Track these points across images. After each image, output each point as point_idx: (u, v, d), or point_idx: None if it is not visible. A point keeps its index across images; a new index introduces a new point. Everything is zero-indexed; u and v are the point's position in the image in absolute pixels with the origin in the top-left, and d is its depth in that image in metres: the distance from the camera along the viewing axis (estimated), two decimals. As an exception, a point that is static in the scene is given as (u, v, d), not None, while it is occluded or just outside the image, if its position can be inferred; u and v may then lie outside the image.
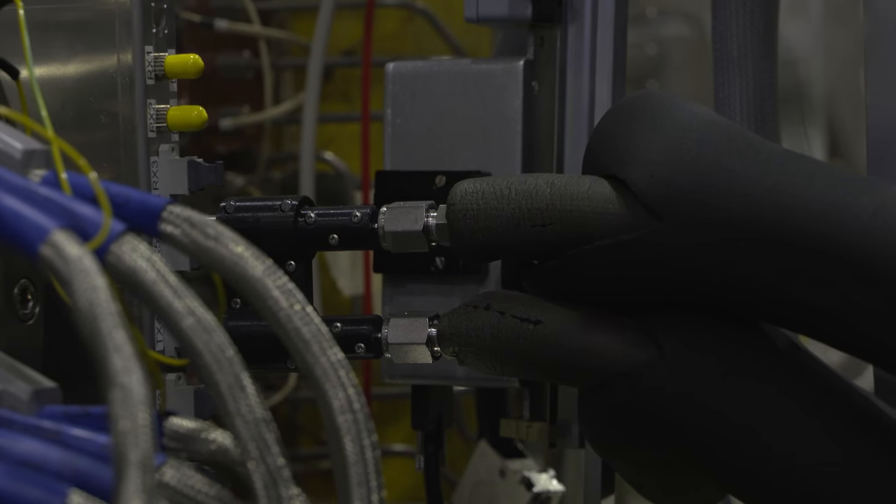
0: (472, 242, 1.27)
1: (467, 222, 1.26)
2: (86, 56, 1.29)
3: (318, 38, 1.63)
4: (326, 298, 1.91)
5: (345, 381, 1.05)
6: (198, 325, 1.02)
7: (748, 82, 1.47)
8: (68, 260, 0.99)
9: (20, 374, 1.13)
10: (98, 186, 1.06)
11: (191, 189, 1.29)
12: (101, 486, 1.00)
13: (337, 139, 1.70)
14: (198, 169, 1.30)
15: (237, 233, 1.07)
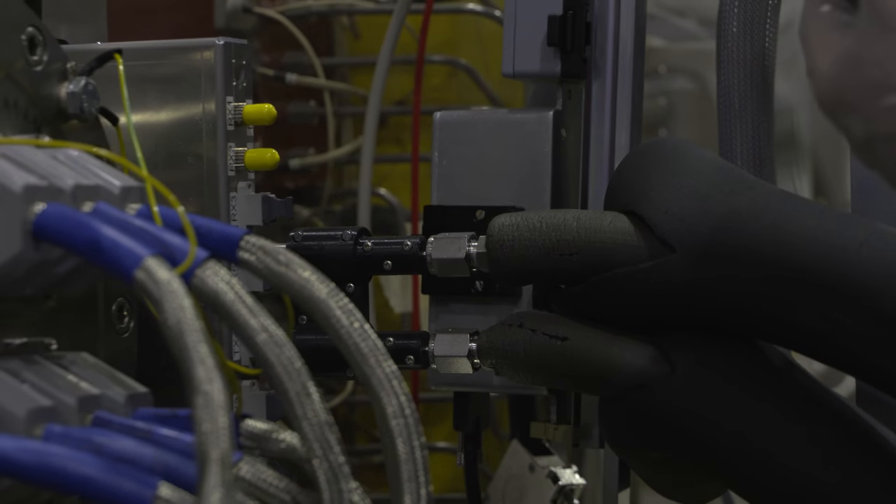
0: (507, 269, 1.27)
1: (504, 251, 1.26)
2: (175, 105, 1.29)
3: (374, 90, 1.62)
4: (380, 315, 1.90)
5: (397, 389, 1.04)
6: (270, 339, 1.02)
7: (748, 131, 1.46)
8: (159, 283, 0.99)
9: (117, 380, 1.13)
10: (185, 219, 1.06)
11: (264, 221, 1.29)
12: (187, 480, 0.99)
13: (390, 177, 1.69)
14: (271, 203, 1.30)
15: (304, 259, 1.07)
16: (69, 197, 1.06)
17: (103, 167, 1.12)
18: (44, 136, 1.16)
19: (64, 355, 1.13)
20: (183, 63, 1.29)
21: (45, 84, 1.18)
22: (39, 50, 1.18)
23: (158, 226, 1.06)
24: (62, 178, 1.07)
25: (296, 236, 1.29)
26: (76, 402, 1.07)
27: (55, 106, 1.19)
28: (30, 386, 1.07)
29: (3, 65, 1.15)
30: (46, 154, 1.10)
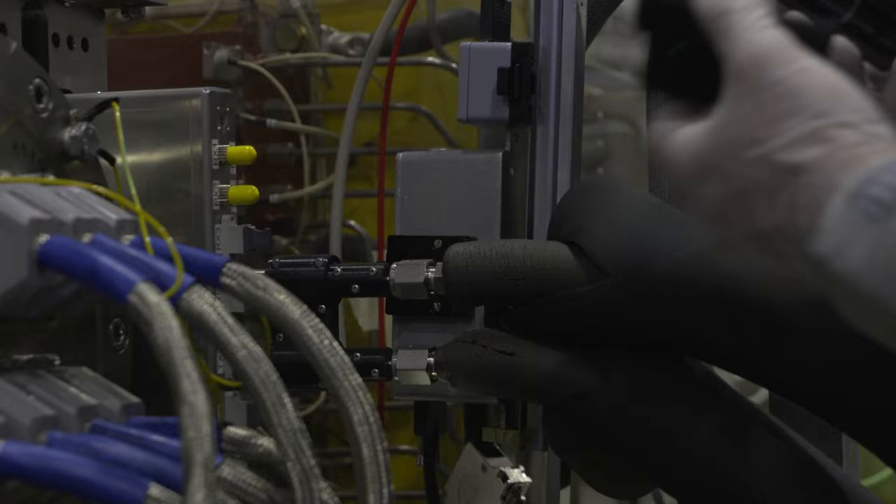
0: (461, 292, 1.28)
1: (458, 276, 1.27)
2: (166, 147, 1.29)
3: (345, 133, 1.62)
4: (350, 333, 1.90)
5: (362, 399, 1.05)
6: (249, 356, 1.02)
7: None
8: (150, 305, 0.99)
9: (113, 392, 1.13)
10: (173, 248, 1.06)
11: (245, 249, 1.29)
12: (175, 481, 0.99)
13: (359, 210, 1.69)
14: (251, 234, 1.29)
15: (281, 283, 1.07)
16: (70, 229, 1.06)
17: (101, 202, 1.12)
18: (49, 174, 1.16)
19: (66, 370, 1.13)
20: (173, 109, 1.29)
21: (50, 129, 1.18)
22: (45, 98, 1.18)
23: (150, 254, 1.06)
24: (64, 213, 1.07)
25: (274, 263, 1.29)
26: (76, 412, 1.07)
27: (59, 148, 1.19)
28: (35, 397, 1.07)
29: (13, 112, 1.15)
30: (51, 191, 1.10)
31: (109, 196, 1.12)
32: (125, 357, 1.23)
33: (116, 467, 1.01)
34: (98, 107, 1.21)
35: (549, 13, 1.39)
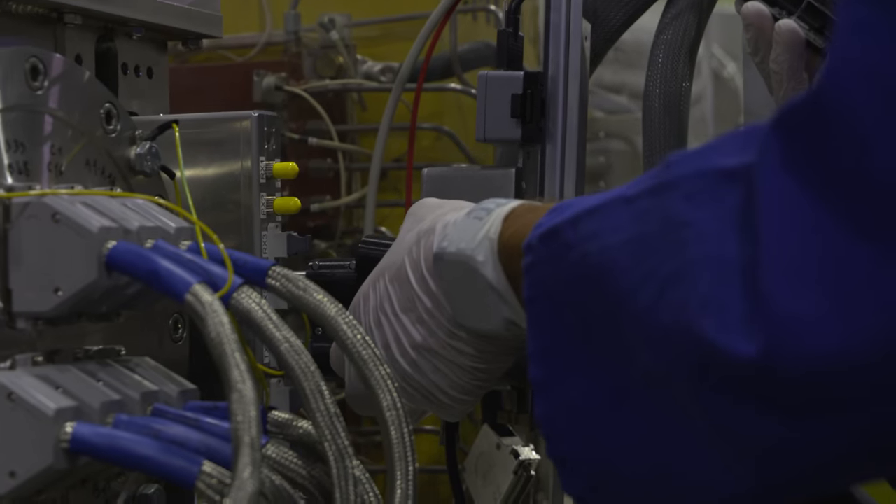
0: None
1: None
2: (220, 163, 1.29)
3: (377, 150, 1.62)
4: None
5: (391, 388, 1.04)
6: (291, 348, 1.02)
7: None
8: (204, 304, 0.99)
9: (172, 379, 1.13)
10: (224, 253, 1.06)
11: (288, 254, 1.29)
12: (226, 459, 0.99)
13: (389, 218, 1.69)
14: (294, 240, 1.30)
15: (319, 283, 1.07)
16: (135, 236, 1.06)
17: (162, 212, 1.12)
18: (117, 188, 1.16)
19: (130, 359, 1.13)
20: (226, 130, 1.29)
21: (118, 147, 1.19)
22: (114, 121, 1.19)
23: (204, 258, 1.06)
24: (130, 221, 1.07)
25: (313, 265, 1.28)
26: (139, 397, 1.07)
27: (126, 164, 1.19)
28: (103, 384, 1.07)
29: (86, 132, 1.15)
30: (118, 202, 1.10)
31: (169, 207, 1.13)
32: (183, 348, 1.23)
33: (174, 446, 1.02)
34: (160, 128, 1.21)
35: (557, 46, 1.38)
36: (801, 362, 0.76)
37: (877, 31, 0.76)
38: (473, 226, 1.03)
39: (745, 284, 0.79)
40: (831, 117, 0.77)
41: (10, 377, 1.03)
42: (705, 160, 0.85)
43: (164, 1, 1.35)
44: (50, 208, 1.04)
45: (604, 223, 0.90)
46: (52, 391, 1.03)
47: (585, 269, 0.90)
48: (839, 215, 0.76)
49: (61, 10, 1.25)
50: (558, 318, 0.93)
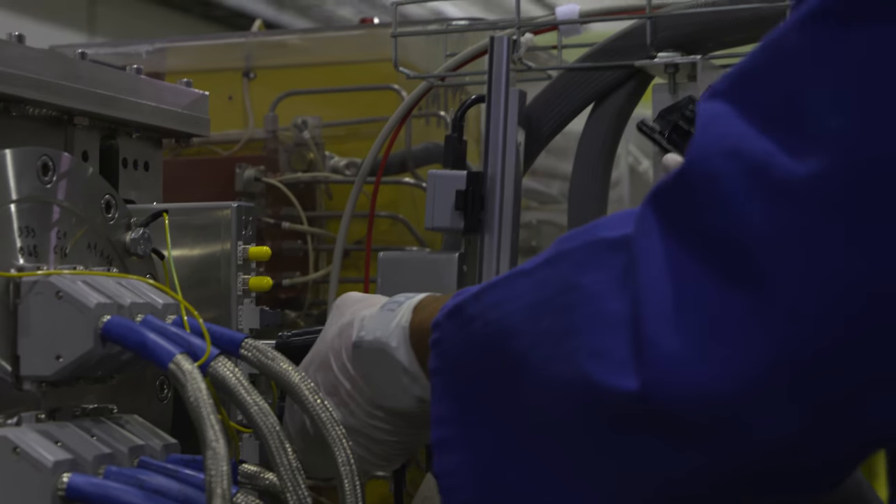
0: None
1: None
2: (203, 245, 1.28)
3: (340, 234, 1.62)
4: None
5: (345, 445, 1.04)
6: (259, 411, 1.02)
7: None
8: (184, 372, 0.99)
9: (157, 434, 1.12)
10: (204, 327, 1.06)
11: (261, 325, 1.28)
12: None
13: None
14: (265, 314, 1.29)
15: (289, 349, 1.07)
16: (127, 311, 1.05)
17: (152, 290, 1.11)
18: (113, 268, 1.16)
19: (121, 417, 1.12)
20: (210, 217, 1.28)
21: (115, 232, 1.18)
22: (113, 210, 1.18)
23: (187, 332, 1.06)
24: (123, 298, 1.06)
25: (283, 335, 1.26)
26: (128, 450, 1.06)
27: (122, 247, 1.18)
28: (97, 438, 1.06)
29: (89, 220, 1.15)
30: (114, 281, 1.09)
31: (157, 286, 1.12)
32: (168, 407, 1.22)
33: (156, 495, 1.01)
34: (152, 216, 1.21)
35: (495, 150, 1.39)
36: (676, 396, 0.77)
37: (730, 119, 0.78)
38: (387, 317, 1.03)
39: (628, 333, 0.79)
40: (697, 188, 0.78)
41: (15, 433, 1.02)
42: (591, 234, 0.86)
43: (160, 105, 1.35)
44: (54, 286, 1.04)
45: (504, 294, 0.90)
46: (52, 445, 1.02)
47: (487, 335, 0.90)
48: (707, 267, 0.77)
49: (71, 114, 1.25)
50: (463, 383, 0.92)
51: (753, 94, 0.78)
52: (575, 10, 1.55)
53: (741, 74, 0.80)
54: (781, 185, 0.74)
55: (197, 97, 1.41)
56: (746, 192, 0.75)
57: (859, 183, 0.73)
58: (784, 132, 0.75)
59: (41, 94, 1.19)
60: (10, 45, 1.17)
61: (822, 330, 0.74)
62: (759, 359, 0.75)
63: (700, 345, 0.76)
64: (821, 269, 0.73)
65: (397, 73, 1.59)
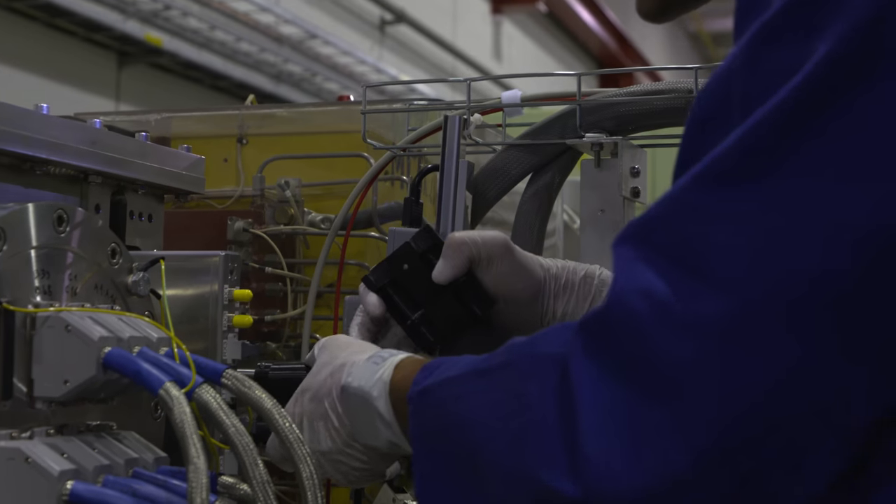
0: None
1: None
2: (195, 287, 1.29)
3: (315, 278, 1.63)
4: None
5: (309, 462, 1.04)
6: (236, 431, 1.01)
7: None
8: (172, 398, 0.99)
9: (150, 449, 1.11)
10: (190, 359, 1.05)
11: (242, 356, 1.28)
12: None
13: (323, 328, 1.68)
14: (246, 347, 1.29)
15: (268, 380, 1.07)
16: (126, 343, 1.05)
17: (149, 325, 1.11)
18: (116, 306, 1.15)
19: (120, 433, 1.11)
20: (201, 263, 1.29)
21: (119, 275, 1.18)
22: (118, 256, 1.18)
23: (176, 362, 1.06)
24: (123, 332, 1.06)
25: (262, 366, 1.26)
26: (124, 462, 1.06)
27: (124, 288, 1.18)
28: (97, 451, 1.05)
29: (96, 264, 1.15)
30: (116, 317, 1.09)
31: (153, 323, 1.12)
32: (161, 425, 1.21)
33: (147, 501, 1.00)
34: (151, 262, 1.21)
35: (447, 211, 1.39)
36: (610, 500, 0.78)
37: (638, 263, 0.80)
38: (372, 369, 1.04)
39: (567, 446, 0.81)
40: (618, 322, 0.81)
41: (27, 445, 1.01)
42: (534, 347, 0.89)
43: (162, 167, 1.36)
44: (64, 321, 1.04)
45: (464, 388, 0.92)
46: (59, 457, 1.01)
47: (451, 421, 0.92)
48: (629, 388, 0.79)
49: (87, 173, 1.25)
50: (433, 453, 0.94)
51: (657, 241, 0.80)
52: (517, 95, 1.57)
53: (646, 223, 0.82)
54: (683, 320, 0.77)
55: (195, 160, 1.41)
56: (655, 325, 0.78)
57: (746, 317, 0.76)
58: (683, 275, 0.78)
59: (61, 156, 1.20)
60: (35, 115, 1.17)
61: (727, 432, 0.76)
62: (681, 461, 0.77)
63: (628, 455, 0.78)
64: (720, 386, 0.76)
65: (366, 144, 1.60)
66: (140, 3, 6.45)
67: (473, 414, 0.89)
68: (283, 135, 1.84)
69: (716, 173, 0.78)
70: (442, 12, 10.38)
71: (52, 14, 6.08)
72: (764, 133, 0.76)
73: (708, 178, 0.78)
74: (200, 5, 6.89)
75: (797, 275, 0.75)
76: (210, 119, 1.91)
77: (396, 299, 1.19)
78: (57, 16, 6.12)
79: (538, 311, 1.21)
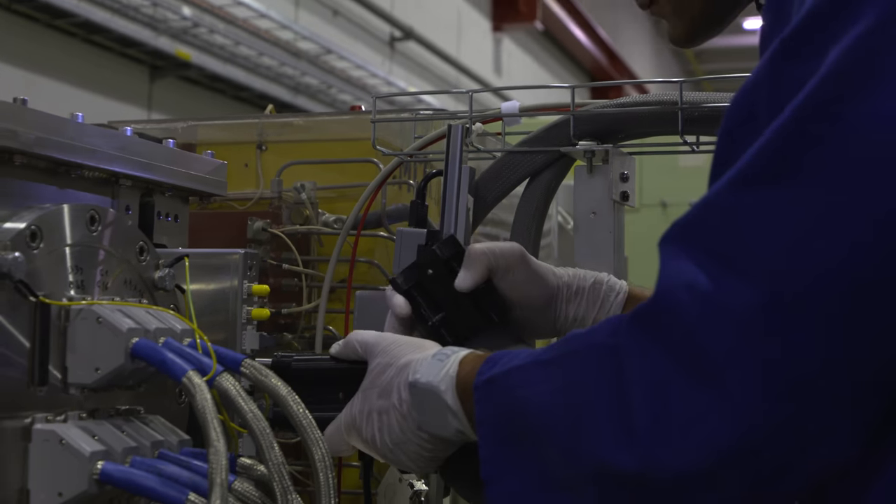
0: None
1: None
2: (218, 282, 1.28)
3: (328, 274, 1.62)
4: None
5: (321, 446, 1.03)
6: (253, 416, 1.01)
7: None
8: (194, 385, 0.98)
9: (174, 432, 1.11)
10: (211, 349, 1.05)
11: (260, 347, 1.27)
12: (206, 492, 0.97)
13: (336, 321, 1.67)
14: (264, 338, 1.28)
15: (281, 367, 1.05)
16: (152, 335, 1.05)
17: (173, 318, 1.10)
18: (144, 300, 1.14)
19: (147, 417, 1.11)
20: (222, 260, 1.28)
21: (146, 270, 1.17)
22: (146, 253, 1.17)
23: (199, 352, 1.05)
24: (149, 324, 1.06)
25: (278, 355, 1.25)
26: (150, 444, 1.05)
27: (151, 283, 1.17)
28: (126, 434, 1.05)
29: (126, 261, 1.14)
30: (143, 310, 1.08)
31: (177, 316, 1.11)
32: (185, 410, 1.20)
33: (170, 481, 1.00)
34: (176, 259, 1.20)
35: (450, 214, 1.39)
36: (662, 473, 0.81)
37: (682, 260, 0.82)
38: (437, 366, 1.03)
39: (623, 422, 0.83)
40: (664, 312, 0.83)
41: (62, 428, 1.01)
42: (591, 338, 0.90)
43: (188, 171, 1.35)
44: (96, 313, 1.03)
45: (527, 377, 0.93)
46: (90, 439, 1.01)
47: (516, 406, 0.92)
48: (677, 370, 0.81)
49: (118, 176, 1.24)
50: (499, 435, 0.94)
51: (697, 239, 0.83)
52: (515, 106, 1.56)
53: (687, 224, 0.84)
54: (722, 310, 0.79)
55: (218, 165, 1.40)
56: (699, 316, 0.80)
57: (776, 307, 0.78)
58: (721, 268, 0.80)
59: (94, 160, 1.19)
60: (71, 123, 1.16)
61: (765, 415, 0.79)
62: (724, 441, 0.79)
63: (679, 433, 0.80)
64: (755, 373, 0.78)
65: (375, 150, 1.59)
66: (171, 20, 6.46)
67: (537, 398, 0.90)
68: (300, 142, 1.83)
69: (745, 177, 0.81)
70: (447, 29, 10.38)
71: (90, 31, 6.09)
72: (783, 139, 0.79)
73: (738, 182, 0.81)
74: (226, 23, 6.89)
75: (823, 266, 0.77)
76: (232, 127, 1.90)
77: (420, 301, 1.19)
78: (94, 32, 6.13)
79: (551, 316, 1.22)
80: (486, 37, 11.59)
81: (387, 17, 9.18)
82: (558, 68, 13.51)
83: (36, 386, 1.01)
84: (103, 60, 6.36)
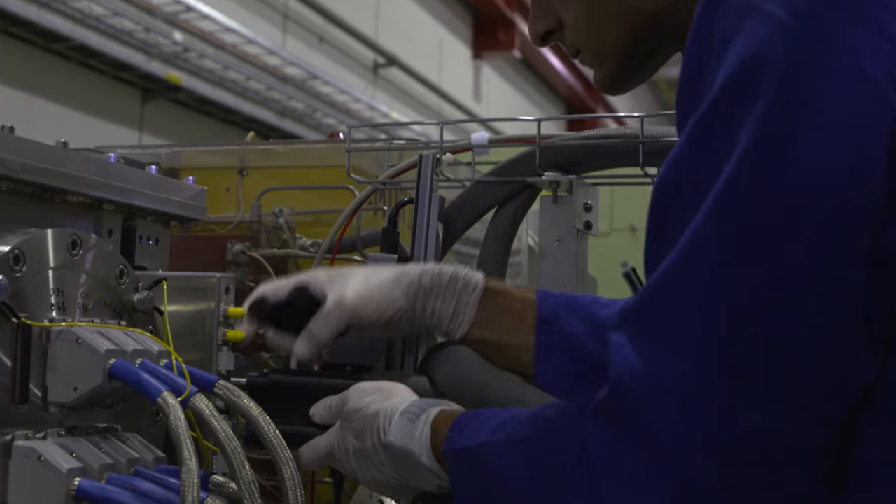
0: None
1: None
2: (195, 304, 1.27)
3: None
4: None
5: (291, 464, 1.03)
6: (226, 436, 1.01)
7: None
8: (169, 405, 0.98)
9: (150, 449, 1.10)
10: (186, 371, 1.05)
11: (235, 368, 1.26)
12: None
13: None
14: (238, 359, 1.27)
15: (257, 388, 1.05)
16: (130, 356, 1.04)
17: (150, 340, 1.10)
18: (122, 321, 1.14)
19: (124, 434, 1.11)
20: (200, 283, 1.27)
21: (125, 293, 1.17)
22: (125, 276, 1.17)
23: (174, 373, 1.05)
24: (127, 345, 1.06)
25: (252, 376, 1.25)
26: (126, 461, 1.05)
27: (130, 305, 1.17)
28: (103, 451, 1.05)
29: (106, 284, 1.14)
30: (122, 332, 1.08)
31: (154, 338, 1.11)
32: (161, 428, 1.20)
33: (145, 497, 0.99)
34: (155, 282, 1.20)
35: (420, 240, 1.39)
36: None
37: (626, 349, 0.85)
38: (409, 427, 1.04)
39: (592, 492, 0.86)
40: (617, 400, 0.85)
41: (41, 445, 1.01)
42: (556, 424, 0.92)
43: (169, 197, 1.35)
44: (75, 335, 1.03)
45: (498, 453, 0.95)
46: (68, 456, 1.01)
47: (488, 483, 0.96)
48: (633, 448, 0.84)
49: (101, 201, 1.24)
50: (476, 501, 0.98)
51: (637, 324, 0.85)
52: (485, 138, 1.57)
53: (630, 311, 0.86)
54: (660, 389, 0.82)
55: (198, 191, 1.40)
56: (643, 399, 0.83)
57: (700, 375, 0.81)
58: (655, 348, 0.83)
59: (79, 186, 1.19)
60: (56, 149, 1.16)
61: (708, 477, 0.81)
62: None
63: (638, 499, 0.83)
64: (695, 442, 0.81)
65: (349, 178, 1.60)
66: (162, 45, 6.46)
67: (509, 476, 0.93)
68: (279, 167, 1.84)
69: (680, 262, 0.83)
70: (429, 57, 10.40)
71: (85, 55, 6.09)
72: (708, 228, 0.81)
73: (672, 268, 0.83)
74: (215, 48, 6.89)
75: (739, 334, 0.80)
76: (215, 152, 1.90)
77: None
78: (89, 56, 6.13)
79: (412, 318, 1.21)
80: (466, 64, 11.63)
81: (371, 44, 9.20)
82: (536, 95, 13.56)
83: (17, 404, 1.01)
84: (98, 83, 6.35)
